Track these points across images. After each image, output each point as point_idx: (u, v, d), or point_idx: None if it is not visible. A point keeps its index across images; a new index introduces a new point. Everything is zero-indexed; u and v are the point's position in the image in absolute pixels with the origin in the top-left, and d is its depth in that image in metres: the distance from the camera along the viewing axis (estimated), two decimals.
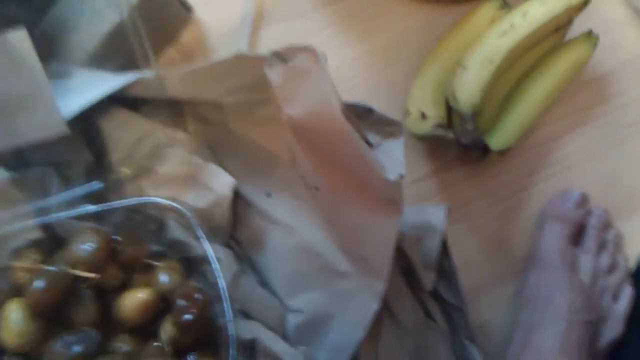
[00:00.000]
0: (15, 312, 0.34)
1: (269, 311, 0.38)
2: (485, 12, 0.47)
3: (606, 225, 0.44)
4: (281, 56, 0.33)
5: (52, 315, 0.34)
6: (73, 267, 0.35)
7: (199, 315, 0.34)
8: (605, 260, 0.43)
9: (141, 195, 0.39)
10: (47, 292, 0.34)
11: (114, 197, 0.39)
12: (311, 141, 0.35)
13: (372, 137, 0.36)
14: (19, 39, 0.32)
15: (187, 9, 0.48)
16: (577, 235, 0.44)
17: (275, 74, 0.33)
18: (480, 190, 0.47)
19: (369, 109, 0.35)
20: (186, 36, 0.49)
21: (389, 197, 0.33)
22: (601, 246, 0.43)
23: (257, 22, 0.50)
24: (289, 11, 0.50)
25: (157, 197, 0.38)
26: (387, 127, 0.36)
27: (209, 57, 0.49)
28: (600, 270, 0.42)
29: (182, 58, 0.49)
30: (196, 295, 0.34)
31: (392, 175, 0.32)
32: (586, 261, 0.42)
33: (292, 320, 0.38)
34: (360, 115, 0.36)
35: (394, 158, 0.34)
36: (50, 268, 0.35)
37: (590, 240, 0.43)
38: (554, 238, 0.43)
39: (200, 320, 0.34)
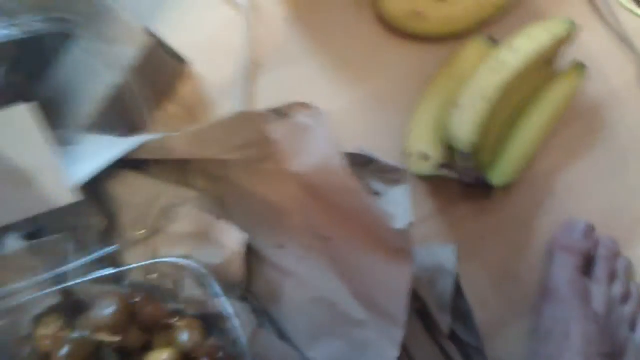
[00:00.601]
0: None
1: None
2: (473, 49, 0.49)
3: (615, 254, 0.45)
4: (281, 113, 0.35)
5: None
6: (95, 332, 0.35)
7: None
8: (618, 289, 0.43)
9: (155, 255, 0.40)
10: (72, 359, 0.34)
11: (129, 259, 0.40)
12: (318, 193, 0.36)
13: (377, 186, 0.37)
14: (26, 111, 0.33)
15: (181, 61, 0.49)
16: (587, 266, 0.44)
17: (276, 131, 0.35)
18: (486, 226, 0.47)
19: (370, 158, 0.37)
20: (184, 89, 0.50)
21: (399, 246, 0.34)
22: (612, 276, 0.44)
23: (253, 72, 0.51)
24: (283, 60, 0.51)
25: (171, 256, 0.39)
26: (390, 174, 0.37)
27: (208, 109, 0.50)
28: (614, 300, 0.42)
29: (182, 112, 0.50)
30: (219, 355, 0.35)
31: (400, 224, 0.33)
32: (599, 292, 0.42)
33: None
34: (362, 164, 0.38)
35: (400, 206, 0.35)
36: (74, 335, 0.35)
37: (601, 270, 0.43)
38: (564, 270, 0.43)
39: None
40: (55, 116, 0.40)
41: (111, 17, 0.43)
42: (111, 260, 0.40)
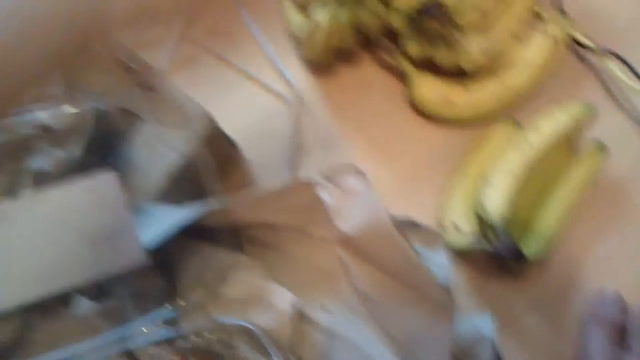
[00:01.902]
0: None
1: None
2: (500, 131, 0.53)
3: None
4: (331, 179, 0.39)
5: None
6: None
7: None
8: None
9: (210, 319, 0.42)
10: None
11: (186, 322, 0.43)
12: (363, 254, 0.39)
13: (418, 248, 0.40)
14: (110, 178, 0.37)
15: (233, 145, 0.54)
16: (621, 338, 0.44)
17: (327, 195, 0.38)
18: (519, 299, 0.49)
19: (413, 222, 0.40)
20: (234, 172, 0.54)
21: (441, 302, 0.37)
22: None
23: (297, 156, 0.55)
24: (325, 144, 0.55)
25: (226, 319, 0.42)
26: (428, 237, 0.40)
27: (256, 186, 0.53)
28: None
29: (231, 189, 0.54)
30: None
31: (441, 280, 0.36)
32: None
33: None
34: (403, 228, 0.41)
35: (440, 265, 0.38)
36: None
37: (636, 342, 0.43)
38: (597, 343, 0.43)
39: None
40: (125, 189, 0.44)
41: (176, 104, 0.49)
42: (168, 322, 0.42)
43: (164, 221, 0.42)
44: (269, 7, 0.59)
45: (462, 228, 0.49)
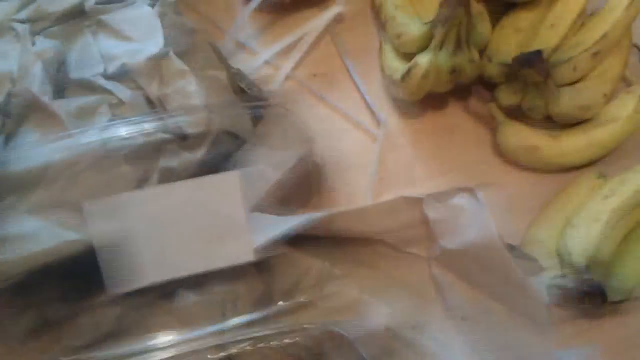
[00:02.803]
0: None
1: None
2: (585, 181, 0.55)
3: None
4: (438, 198, 0.41)
5: None
6: None
7: None
8: None
9: (302, 323, 0.44)
10: None
11: (279, 324, 0.44)
12: (463, 271, 0.40)
13: None
14: (235, 177, 0.40)
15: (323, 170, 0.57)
16: None
17: (433, 212, 0.40)
18: (598, 342, 0.48)
19: (512, 245, 0.41)
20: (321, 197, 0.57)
21: (543, 324, 0.37)
22: None
23: (379, 188, 0.57)
24: (406, 180, 0.58)
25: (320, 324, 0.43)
26: (526, 263, 0.41)
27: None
28: None
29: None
30: None
31: (545, 300, 0.37)
32: None
33: None
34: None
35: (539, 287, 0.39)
36: None
37: None
38: None
39: None
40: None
41: (281, 126, 0.52)
42: (262, 323, 0.44)
43: (271, 228, 0.44)
44: (367, 53, 0.65)
45: (543, 266, 0.50)
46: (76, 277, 0.45)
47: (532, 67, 0.51)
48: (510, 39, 0.58)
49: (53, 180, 0.41)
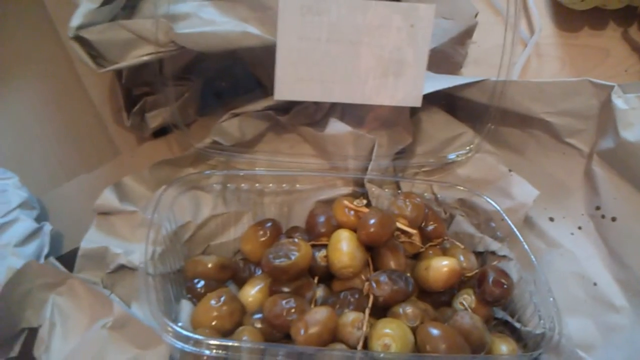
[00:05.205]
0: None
1: None
2: None
3: None
4: (629, 89, 0.39)
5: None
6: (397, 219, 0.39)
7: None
8: None
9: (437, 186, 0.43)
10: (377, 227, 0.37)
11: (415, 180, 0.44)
12: (629, 171, 0.39)
13: None
14: (428, 10, 0.38)
15: None
16: None
17: (621, 101, 0.39)
18: None
19: None
20: None
21: None
22: None
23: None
24: None
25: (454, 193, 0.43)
26: None
27: None
28: None
29: None
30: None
31: None
32: None
33: None
34: None
35: None
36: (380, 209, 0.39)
37: None
38: None
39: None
40: None
41: None
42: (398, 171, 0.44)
43: (439, 81, 0.43)
44: None
45: None
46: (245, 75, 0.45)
47: None
48: None
49: None
